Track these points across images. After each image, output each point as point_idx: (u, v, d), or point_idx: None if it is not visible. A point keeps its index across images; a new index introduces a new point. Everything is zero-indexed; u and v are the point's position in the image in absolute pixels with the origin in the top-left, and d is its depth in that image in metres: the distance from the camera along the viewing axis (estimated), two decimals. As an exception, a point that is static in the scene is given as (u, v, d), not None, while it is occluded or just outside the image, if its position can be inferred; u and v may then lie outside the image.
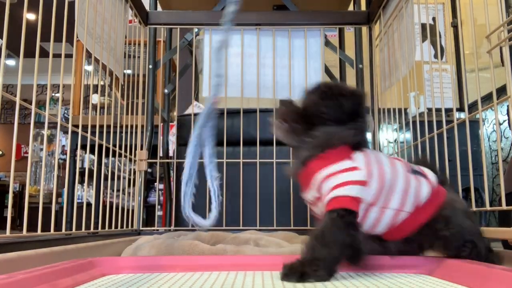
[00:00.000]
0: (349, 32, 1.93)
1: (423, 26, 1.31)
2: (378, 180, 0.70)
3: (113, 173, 2.15)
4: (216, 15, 1.61)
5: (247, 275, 0.67)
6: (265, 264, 0.74)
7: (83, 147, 1.13)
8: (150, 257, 0.78)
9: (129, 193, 1.42)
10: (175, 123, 1.79)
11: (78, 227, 1.02)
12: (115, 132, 1.25)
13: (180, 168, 1.58)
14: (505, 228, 0.76)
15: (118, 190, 1.40)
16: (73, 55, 1.05)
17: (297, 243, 1.11)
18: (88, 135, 1.09)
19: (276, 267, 0.73)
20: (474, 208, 0.90)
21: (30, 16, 4.83)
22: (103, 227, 1.15)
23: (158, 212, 1.62)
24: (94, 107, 2.54)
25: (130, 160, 1.40)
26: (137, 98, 1.46)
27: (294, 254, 0.66)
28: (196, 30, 1.65)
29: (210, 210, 0.68)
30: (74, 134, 1.05)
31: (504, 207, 0.79)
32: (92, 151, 1.12)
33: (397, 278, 0.64)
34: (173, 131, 1.82)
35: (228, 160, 1.45)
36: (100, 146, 1.18)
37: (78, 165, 2.40)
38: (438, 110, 1.04)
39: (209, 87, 1.57)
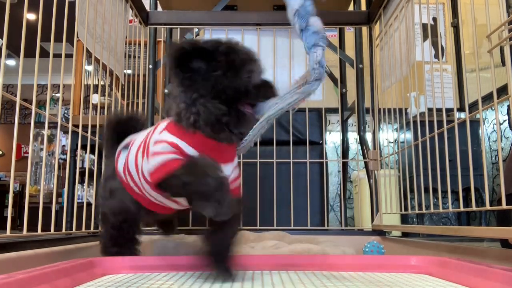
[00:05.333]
0: (349, 32, 1.93)
1: (424, 26, 1.31)
2: None
3: (113, 173, 2.14)
4: (216, 15, 1.61)
5: (247, 274, 0.67)
6: (264, 263, 0.74)
7: (83, 147, 1.13)
8: (150, 257, 0.78)
9: (129, 193, 1.42)
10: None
11: (78, 227, 1.02)
12: (115, 132, 1.25)
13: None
14: (505, 227, 0.76)
15: (118, 190, 1.40)
16: (73, 55, 1.05)
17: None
18: (88, 135, 1.09)
19: (276, 266, 0.73)
20: (474, 208, 0.90)
21: (30, 16, 4.82)
22: (103, 227, 1.15)
23: (158, 212, 1.61)
24: (94, 107, 2.54)
25: (130, 160, 1.39)
26: (137, 98, 1.46)
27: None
28: (196, 30, 1.65)
29: None
30: (74, 134, 1.05)
31: (504, 206, 0.79)
32: (92, 151, 1.12)
33: (397, 278, 0.64)
34: (173, 131, 1.82)
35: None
36: (101, 146, 1.18)
37: (78, 165, 2.39)
38: (439, 110, 1.04)
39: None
